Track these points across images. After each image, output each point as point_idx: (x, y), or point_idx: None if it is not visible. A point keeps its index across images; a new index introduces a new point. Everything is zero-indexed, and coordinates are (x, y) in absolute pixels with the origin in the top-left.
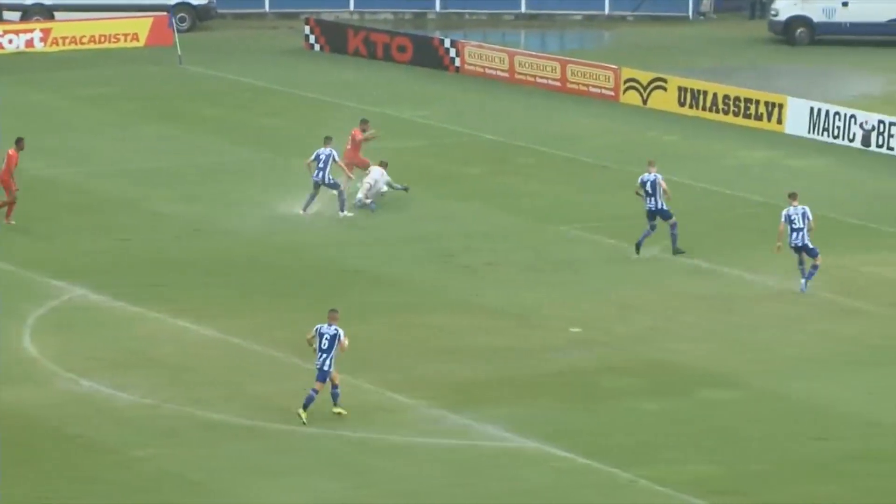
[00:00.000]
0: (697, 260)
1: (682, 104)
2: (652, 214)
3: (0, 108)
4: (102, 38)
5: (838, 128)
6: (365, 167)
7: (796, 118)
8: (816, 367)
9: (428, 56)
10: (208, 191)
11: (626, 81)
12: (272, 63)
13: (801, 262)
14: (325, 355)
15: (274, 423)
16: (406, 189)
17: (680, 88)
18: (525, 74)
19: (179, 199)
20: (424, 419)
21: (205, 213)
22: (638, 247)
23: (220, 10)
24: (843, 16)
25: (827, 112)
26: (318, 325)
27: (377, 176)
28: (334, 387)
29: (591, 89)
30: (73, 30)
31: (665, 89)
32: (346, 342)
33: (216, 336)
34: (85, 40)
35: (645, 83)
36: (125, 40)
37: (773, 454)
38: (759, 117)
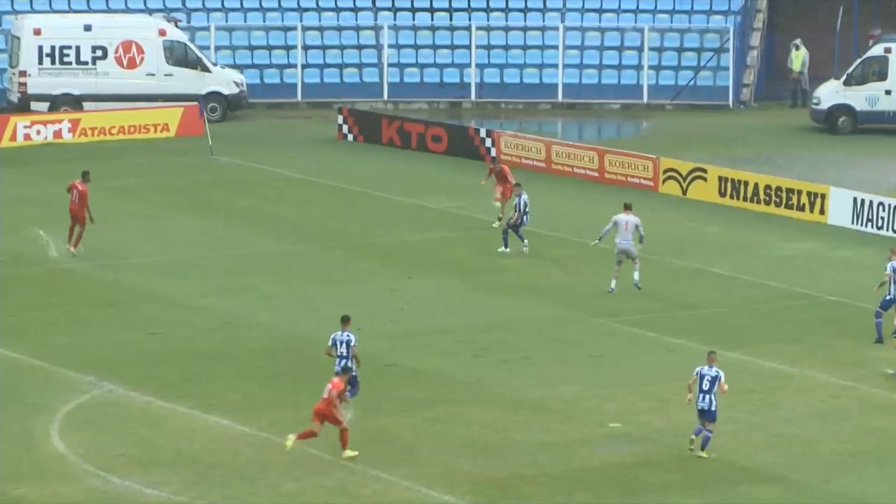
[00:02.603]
0: (739, 353)
1: (722, 194)
2: None
3: (28, 199)
4: (132, 129)
5: (882, 218)
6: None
7: (839, 208)
8: (861, 462)
9: (463, 146)
10: (241, 283)
11: (665, 171)
12: (305, 153)
13: None
14: (707, 395)
15: None
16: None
17: (720, 178)
18: (562, 164)
19: (211, 291)
20: None
21: (237, 305)
22: None
23: (251, 100)
24: (886, 104)
25: (871, 202)
26: (699, 368)
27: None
28: (707, 430)
29: (630, 179)
30: (102, 120)
31: (705, 179)
32: (726, 386)
33: (248, 432)
34: (114, 131)
35: (684, 173)
36: (155, 131)
37: None
38: (801, 208)
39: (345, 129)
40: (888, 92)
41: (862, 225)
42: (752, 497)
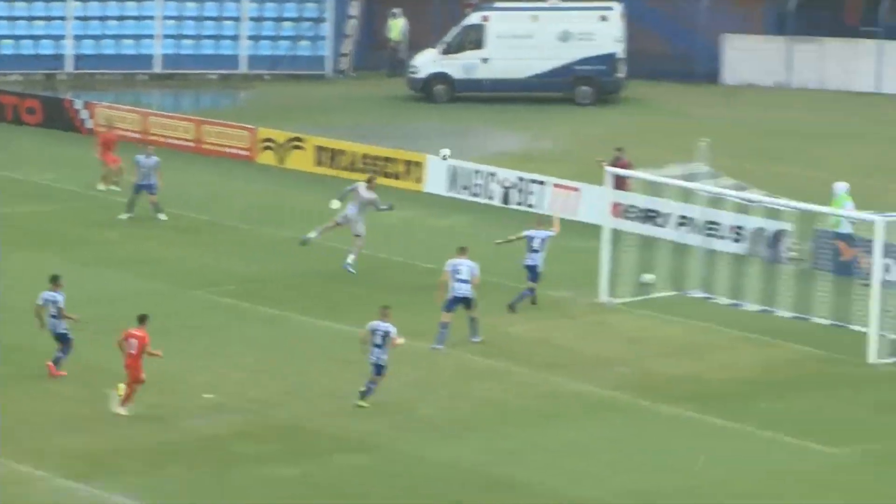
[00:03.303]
0: (337, 322)
1: (319, 164)
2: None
3: None
4: None
5: (478, 185)
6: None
7: (436, 177)
8: (457, 429)
9: (59, 118)
10: None
11: (262, 141)
12: None
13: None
14: (378, 350)
15: None
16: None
17: (318, 148)
18: (159, 135)
19: None
20: (54, 491)
21: None
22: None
23: None
24: (482, 73)
25: (466, 170)
26: (373, 322)
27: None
28: (372, 383)
29: (227, 150)
30: None
31: (303, 149)
32: (399, 340)
33: None
34: None
35: (282, 142)
36: None
37: None
38: (398, 176)
39: None
40: (485, 60)
41: (458, 192)
42: (347, 466)
